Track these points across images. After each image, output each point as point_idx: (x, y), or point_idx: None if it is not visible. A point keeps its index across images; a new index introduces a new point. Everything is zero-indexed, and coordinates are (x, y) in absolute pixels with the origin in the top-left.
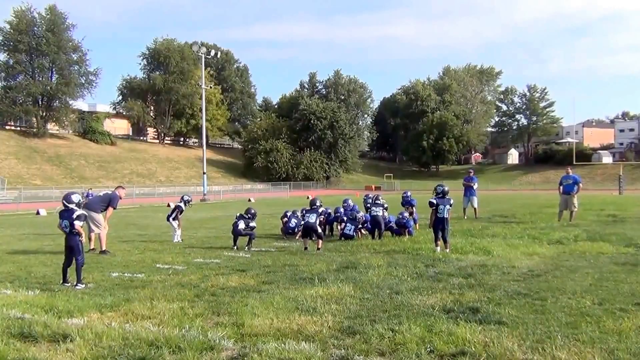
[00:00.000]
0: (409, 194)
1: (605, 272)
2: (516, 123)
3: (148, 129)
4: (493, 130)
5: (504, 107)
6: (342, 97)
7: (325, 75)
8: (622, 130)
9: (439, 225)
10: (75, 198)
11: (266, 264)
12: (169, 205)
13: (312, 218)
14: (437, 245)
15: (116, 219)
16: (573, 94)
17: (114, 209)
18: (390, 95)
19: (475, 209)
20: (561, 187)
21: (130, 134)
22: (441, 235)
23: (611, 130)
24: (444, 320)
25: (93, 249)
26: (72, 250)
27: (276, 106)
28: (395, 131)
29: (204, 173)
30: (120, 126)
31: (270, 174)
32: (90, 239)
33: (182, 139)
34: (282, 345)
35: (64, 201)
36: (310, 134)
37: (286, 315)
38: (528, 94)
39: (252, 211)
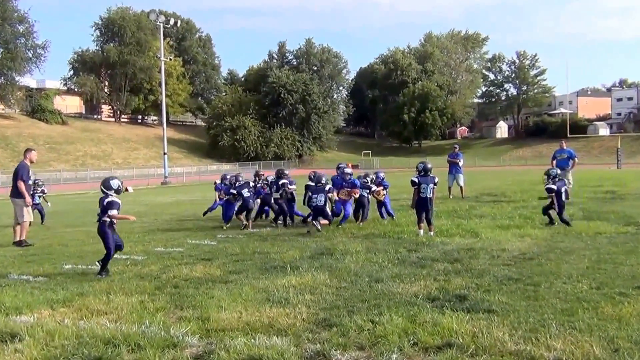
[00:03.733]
0: (381, 175)
1: (603, 253)
2: (505, 93)
3: (102, 106)
4: (480, 101)
5: (492, 76)
6: (315, 68)
7: (296, 45)
8: (619, 100)
9: (422, 206)
10: (115, 184)
11: (234, 251)
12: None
13: (321, 200)
14: (420, 228)
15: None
16: (566, 61)
17: (24, 182)
18: (368, 65)
19: (461, 187)
20: (554, 162)
21: (83, 112)
22: (425, 216)
23: (608, 100)
24: (428, 310)
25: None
26: (102, 240)
27: (243, 79)
28: (374, 104)
29: (164, 153)
30: (71, 104)
31: (238, 153)
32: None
33: (140, 116)
34: (252, 340)
35: (101, 187)
36: (281, 109)
37: (256, 307)
38: (517, 61)
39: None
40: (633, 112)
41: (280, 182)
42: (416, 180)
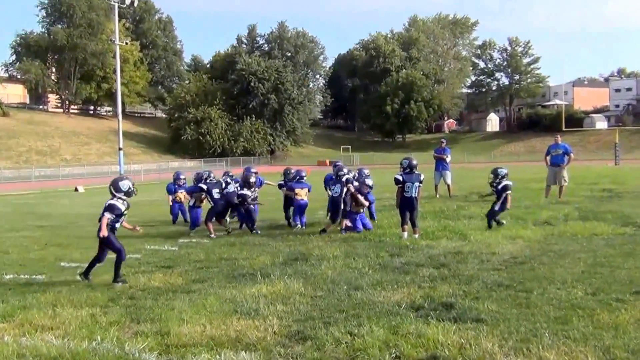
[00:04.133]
0: (365, 172)
1: (600, 256)
2: (496, 83)
3: (49, 95)
4: (469, 91)
5: (482, 64)
6: (289, 54)
7: (268, 28)
8: (618, 90)
9: (406, 206)
10: (124, 185)
11: (197, 258)
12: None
13: (337, 191)
14: (404, 230)
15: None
16: (561, 49)
17: None
18: (347, 52)
19: (448, 185)
20: (548, 158)
21: (27, 102)
22: (409, 217)
23: (606, 90)
24: (412, 320)
25: None
26: (106, 245)
27: (208, 66)
28: (353, 94)
29: (120, 149)
30: (14, 93)
31: (203, 148)
32: None
33: (92, 107)
34: (217, 356)
35: (110, 188)
36: (251, 100)
37: (222, 319)
38: (509, 48)
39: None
40: (632, 104)
41: (239, 194)
42: (400, 178)
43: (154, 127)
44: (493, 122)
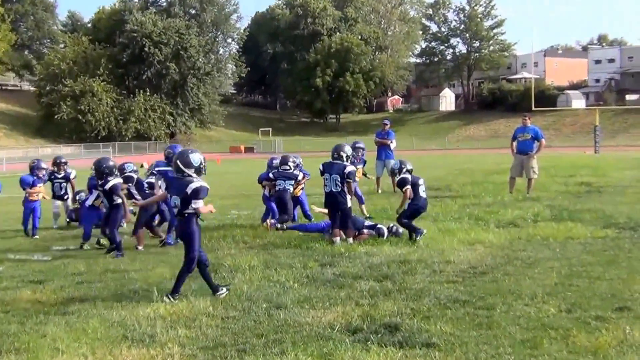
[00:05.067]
0: (298, 160)
1: (576, 265)
2: (451, 51)
3: None
4: (418, 61)
5: (434, 28)
6: (193, 12)
7: None
8: (598, 62)
9: (329, 204)
10: (196, 159)
11: (76, 270)
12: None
13: (287, 185)
14: (335, 235)
15: None
16: (530, 10)
17: None
18: (267, 10)
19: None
20: (515, 144)
21: None
22: (340, 219)
23: (584, 61)
24: (347, 345)
25: None
26: (187, 244)
27: (90, 25)
28: (275, 63)
29: None
30: None
31: (83, 130)
32: None
33: None
34: None
35: (178, 163)
36: (145, 69)
37: (108, 348)
38: (467, 8)
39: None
40: (614, 79)
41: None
42: (321, 168)
43: (19, 103)
44: (448, 100)
